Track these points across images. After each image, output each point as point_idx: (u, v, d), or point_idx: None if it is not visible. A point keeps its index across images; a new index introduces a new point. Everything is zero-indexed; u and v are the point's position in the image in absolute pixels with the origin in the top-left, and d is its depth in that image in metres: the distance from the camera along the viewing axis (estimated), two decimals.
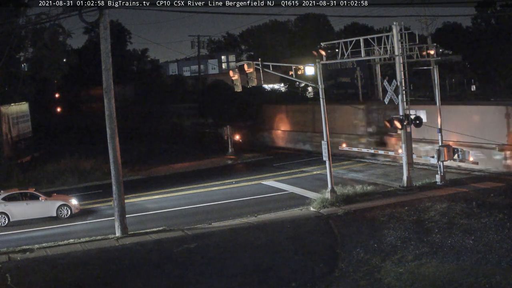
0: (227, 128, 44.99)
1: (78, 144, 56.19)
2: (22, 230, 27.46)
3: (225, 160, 43.45)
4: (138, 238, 24.32)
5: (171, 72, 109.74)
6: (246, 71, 29.54)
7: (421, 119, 28.44)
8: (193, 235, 24.14)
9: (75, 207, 29.33)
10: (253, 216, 26.56)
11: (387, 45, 28.38)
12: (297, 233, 23.48)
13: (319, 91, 28.27)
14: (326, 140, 28.22)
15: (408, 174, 28.37)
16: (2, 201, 28.52)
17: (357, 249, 20.66)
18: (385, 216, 24.30)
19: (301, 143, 45.56)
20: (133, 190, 33.54)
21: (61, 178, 38.47)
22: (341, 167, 36.45)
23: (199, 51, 77.03)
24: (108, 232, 25.25)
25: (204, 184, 34.96)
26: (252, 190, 32.36)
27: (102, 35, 24.68)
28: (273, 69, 30.36)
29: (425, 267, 18.48)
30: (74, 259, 22.20)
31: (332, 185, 28.10)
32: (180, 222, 26.50)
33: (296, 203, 28.17)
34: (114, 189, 25.00)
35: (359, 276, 18.44)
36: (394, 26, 28.06)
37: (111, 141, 24.94)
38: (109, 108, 24.83)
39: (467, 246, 19.89)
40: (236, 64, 43.17)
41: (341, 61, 30.33)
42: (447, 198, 25.93)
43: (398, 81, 28.25)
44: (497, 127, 30.82)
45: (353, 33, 51.62)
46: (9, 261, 22.37)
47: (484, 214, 22.95)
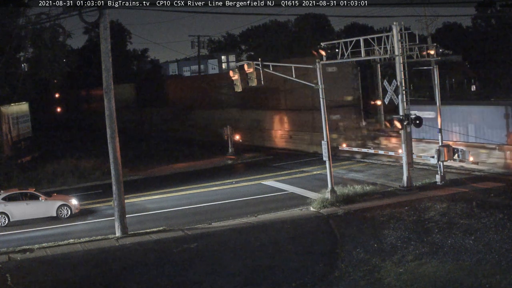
0: (227, 128, 44.97)
1: (78, 144, 56.26)
2: (22, 230, 27.48)
3: (225, 160, 43.45)
4: (138, 238, 24.34)
5: (171, 72, 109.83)
6: (246, 71, 29.56)
7: (421, 119, 28.42)
8: (193, 235, 24.15)
9: (75, 207, 29.33)
10: (253, 216, 26.57)
11: (387, 45, 28.38)
12: (297, 233, 23.49)
13: (319, 91, 28.28)
14: (326, 140, 28.23)
15: (408, 174, 28.38)
16: (2, 201, 28.54)
17: (357, 249, 20.66)
18: (385, 216, 24.31)
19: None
20: (133, 190, 33.55)
21: (61, 178, 38.50)
22: (341, 167, 36.46)
23: (199, 51, 77.05)
24: (108, 232, 25.27)
25: (204, 184, 34.96)
26: (252, 190, 32.36)
27: (102, 35, 24.69)
28: (273, 69, 30.38)
29: (425, 267, 18.47)
30: (74, 259, 22.22)
31: (332, 185, 28.11)
32: (180, 222, 26.51)
33: (296, 203, 28.18)
34: (114, 189, 25.01)
35: (359, 276, 18.43)
36: (394, 26, 28.06)
37: (111, 141, 24.95)
38: (109, 108, 24.83)
39: (467, 246, 19.89)
40: (236, 64, 43.11)
41: (341, 61, 30.34)
42: (447, 198, 25.93)
43: (398, 81, 28.26)
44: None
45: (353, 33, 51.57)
46: (9, 261, 22.39)
47: (484, 214, 22.95)
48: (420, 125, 28.65)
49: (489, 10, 67.93)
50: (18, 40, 42.37)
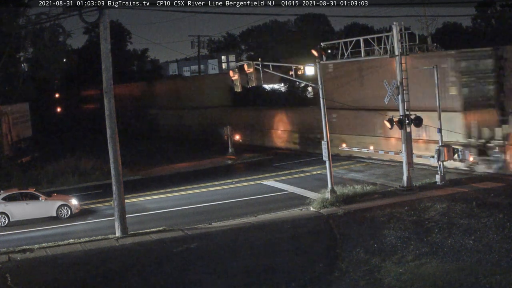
0: (227, 128, 44.93)
1: (78, 144, 56.23)
2: (22, 230, 27.48)
3: (225, 160, 43.44)
4: (138, 238, 24.34)
5: (171, 72, 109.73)
6: (246, 71, 29.57)
7: (421, 119, 28.42)
8: (193, 235, 24.15)
9: (75, 207, 29.33)
10: (253, 216, 26.57)
11: (387, 45, 28.39)
12: (297, 233, 23.48)
13: (319, 91, 28.29)
14: (326, 140, 28.23)
15: (408, 174, 28.38)
16: (2, 201, 28.54)
17: (357, 249, 20.64)
18: (385, 216, 24.31)
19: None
20: (133, 190, 33.55)
21: (61, 178, 38.49)
22: (341, 167, 36.45)
23: (199, 51, 77.03)
24: (108, 232, 25.27)
25: (204, 184, 34.95)
26: (252, 190, 32.35)
27: (102, 35, 24.69)
28: (273, 69, 30.39)
29: (425, 267, 18.46)
30: (74, 259, 22.22)
31: (332, 185, 28.10)
32: (180, 222, 26.51)
33: (296, 203, 28.18)
34: (114, 189, 25.01)
35: (359, 276, 18.41)
36: (394, 26, 28.06)
37: (111, 141, 24.95)
38: (109, 108, 24.83)
39: (467, 246, 19.88)
40: (236, 64, 43.16)
41: (341, 61, 30.35)
42: (447, 198, 25.93)
43: (398, 81, 28.26)
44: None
45: (353, 33, 51.56)
46: (9, 261, 22.40)
47: (484, 214, 22.95)
48: (420, 125, 28.65)
49: (489, 10, 67.90)
50: (18, 40, 42.43)
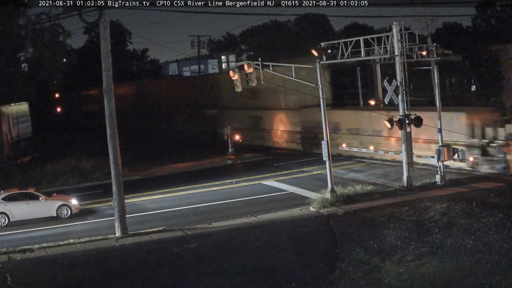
0: (227, 128, 44.92)
1: (78, 144, 56.23)
2: (22, 230, 27.47)
3: (225, 160, 43.43)
4: (138, 238, 24.33)
5: (171, 72, 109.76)
6: (246, 71, 29.56)
7: (421, 119, 28.40)
8: (193, 235, 24.15)
9: (75, 207, 29.33)
10: (253, 216, 26.56)
11: (387, 45, 28.40)
12: (297, 233, 23.48)
13: (319, 91, 28.28)
14: (326, 140, 28.22)
15: (408, 174, 28.37)
16: (2, 201, 28.53)
17: (357, 249, 20.65)
18: (385, 216, 24.31)
19: None
20: (133, 190, 33.54)
21: (61, 178, 38.47)
22: (341, 167, 36.44)
23: (199, 51, 77.04)
24: (108, 232, 25.26)
25: (204, 184, 34.95)
26: (252, 190, 32.35)
27: (102, 35, 24.69)
28: (273, 69, 30.38)
29: (425, 267, 18.47)
30: (74, 259, 22.20)
31: (332, 185, 28.10)
32: (180, 222, 26.50)
33: (296, 203, 28.17)
34: (114, 189, 25.01)
35: (359, 276, 18.42)
36: (394, 26, 28.07)
37: (111, 141, 24.94)
38: (109, 108, 24.83)
39: (467, 246, 19.88)
40: (236, 64, 43.16)
41: (341, 61, 30.35)
42: (447, 198, 25.93)
43: (398, 81, 28.26)
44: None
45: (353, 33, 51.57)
46: (9, 261, 22.39)
47: (484, 214, 22.95)
48: (420, 125, 28.64)
49: (489, 10, 67.90)
50: (18, 40, 42.41)
